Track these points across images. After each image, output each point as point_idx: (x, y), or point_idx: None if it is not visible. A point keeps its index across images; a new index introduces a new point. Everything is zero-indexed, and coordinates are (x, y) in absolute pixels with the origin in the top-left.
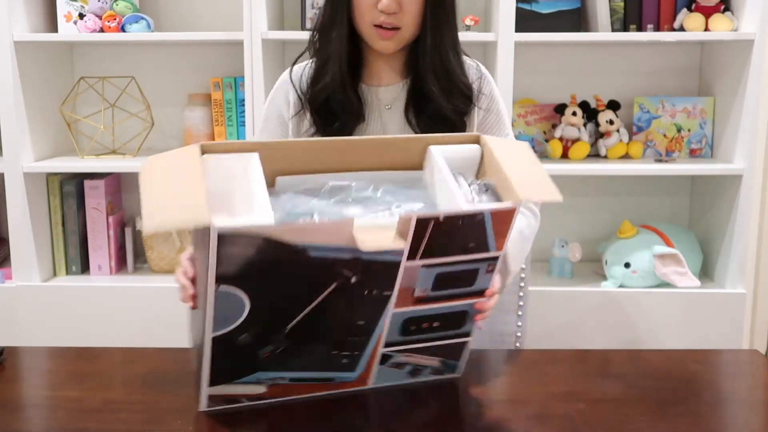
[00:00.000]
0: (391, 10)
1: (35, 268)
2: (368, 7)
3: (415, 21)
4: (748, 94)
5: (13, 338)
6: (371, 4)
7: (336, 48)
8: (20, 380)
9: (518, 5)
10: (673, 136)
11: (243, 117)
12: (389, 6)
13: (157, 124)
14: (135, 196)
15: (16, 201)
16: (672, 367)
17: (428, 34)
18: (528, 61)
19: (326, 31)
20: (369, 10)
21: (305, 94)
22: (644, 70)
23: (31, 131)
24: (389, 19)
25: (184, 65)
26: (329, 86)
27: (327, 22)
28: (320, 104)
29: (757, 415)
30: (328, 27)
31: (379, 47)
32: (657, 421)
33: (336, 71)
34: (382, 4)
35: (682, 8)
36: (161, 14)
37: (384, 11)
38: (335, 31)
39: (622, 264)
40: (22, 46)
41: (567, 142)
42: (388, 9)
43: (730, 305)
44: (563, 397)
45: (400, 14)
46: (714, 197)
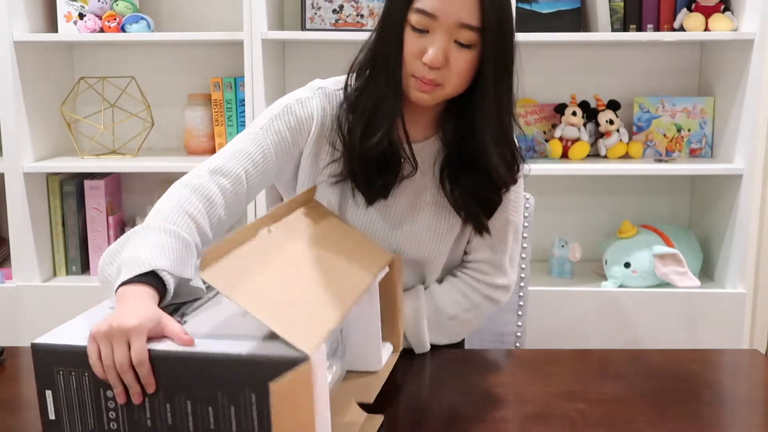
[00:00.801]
0: (436, 64)
1: (35, 268)
2: (412, 56)
3: (459, 80)
4: (748, 94)
5: (13, 338)
6: (416, 54)
7: (390, 99)
8: (20, 380)
9: (518, 5)
10: (673, 136)
11: (243, 117)
12: (435, 60)
13: (157, 124)
14: (135, 196)
15: (16, 201)
16: (672, 367)
17: (491, 96)
18: (528, 61)
19: (378, 77)
20: (413, 59)
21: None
22: (644, 70)
23: (31, 131)
24: (431, 74)
25: (184, 65)
26: (383, 141)
27: (379, 68)
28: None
29: (757, 415)
30: (379, 72)
31: (413, 97)
32: (657, 421)
33: (391, 126)
34: (427, 57)
35: (682, 8)
36: (161, 14)
37: (428, 65)
38: (389, 78)
39: (622, 264)
40: (22, 46)
41: (567, 142)
42: (433, 63)
43: (730, 305)
44: (563, 397)
45: (445, 70)
46: (714, 197)
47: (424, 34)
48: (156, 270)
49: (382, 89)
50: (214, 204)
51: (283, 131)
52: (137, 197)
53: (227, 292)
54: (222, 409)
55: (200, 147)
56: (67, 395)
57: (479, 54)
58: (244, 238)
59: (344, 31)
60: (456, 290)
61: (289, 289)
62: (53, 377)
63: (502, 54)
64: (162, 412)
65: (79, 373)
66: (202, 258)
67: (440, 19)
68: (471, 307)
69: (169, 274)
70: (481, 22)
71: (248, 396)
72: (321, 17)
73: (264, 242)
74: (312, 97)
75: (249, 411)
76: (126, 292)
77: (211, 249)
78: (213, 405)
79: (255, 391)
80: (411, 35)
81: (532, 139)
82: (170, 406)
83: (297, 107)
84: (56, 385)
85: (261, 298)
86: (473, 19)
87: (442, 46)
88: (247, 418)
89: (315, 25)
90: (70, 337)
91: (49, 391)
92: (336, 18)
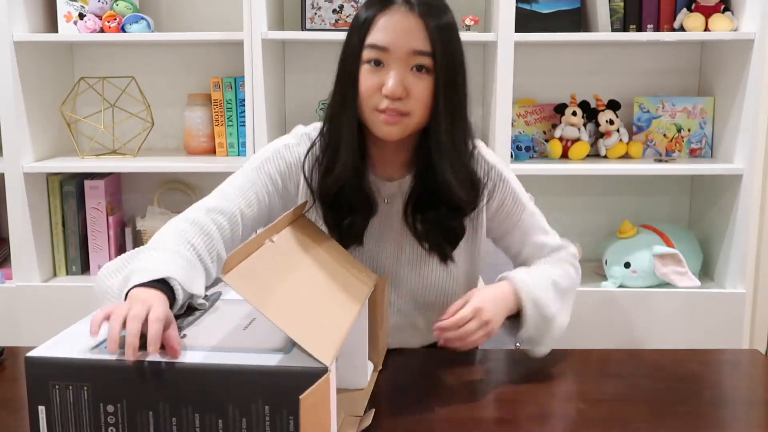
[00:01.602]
0: (397, 94)
1: (35, 268)
2: (372, 90)
3: (423, 108)
4: (748, 94)
5: (13, 338)
6: (375, 88)
7: (347, 136)
8: (20, 380)
9: (518, 5)
10: (673, 136)
11: (243, 117)
12: (394, 91)
13: (157, 124)
14: (135, 196)
15: (16, 201)
16: (672, 367)
17: (443, 123)
18: (528, 61)
19: (336, 117)
20: (373, 94)
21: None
22: (644, 70)
23: (31, 131)
24: (394, 105)
25: (184, 65)
26: (341, 178)
27: (337, 107)
28: (332, 198)
29: (757, 415)
30: (337, 112)
31: (382, 133)
32: (657, 420)
33: (348, 162)
34: (386, 88)
35: (682, 8)
36: (161, 14)
37: (389, 96)
38: (345, 116)
39: (622, 264)
40: (22, 46)
41: (567, 142)
42: (394, 93)
43: (730, 305)
44: (563, 397)
45: (407, 100)
46: (714, 197)
47: (379, 67)
48: (168, 279)
49: (342, 127)
50: (213, 239)
51: (273, 174)
52: (137, 197)
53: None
54: (233, 422)
55: (200, 147)
56: (63, 411)
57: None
58: (254, 248)
59: (344, 31)
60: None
61: (302, 299)
62: (48, 391)
63: (452, 77)
64: (167, 426)
65: (77, 387)
66: (225, 262)
67: (392, 50)
68: (564, 274)
69: (179, 284)
70: (431, 46)
71: (261, 408)
72: (321, 17)
73: (271, 252)
74: (299, 143)
75: (261, 423)
76: (139, 292)
77: (231, 256)
78: (223, 417)
79: (269, 403)
80: (367, 71)
81: (532, 139)
82: (176, 419)
83: (285, 152)
84: (50, 400)
85: (281, 307)
86: (424, 45)
87: (400, 76)
88: (259, 428)
89: (315, 25)
90: (67, 350)
91: (43, 407)
92: (336, 18)
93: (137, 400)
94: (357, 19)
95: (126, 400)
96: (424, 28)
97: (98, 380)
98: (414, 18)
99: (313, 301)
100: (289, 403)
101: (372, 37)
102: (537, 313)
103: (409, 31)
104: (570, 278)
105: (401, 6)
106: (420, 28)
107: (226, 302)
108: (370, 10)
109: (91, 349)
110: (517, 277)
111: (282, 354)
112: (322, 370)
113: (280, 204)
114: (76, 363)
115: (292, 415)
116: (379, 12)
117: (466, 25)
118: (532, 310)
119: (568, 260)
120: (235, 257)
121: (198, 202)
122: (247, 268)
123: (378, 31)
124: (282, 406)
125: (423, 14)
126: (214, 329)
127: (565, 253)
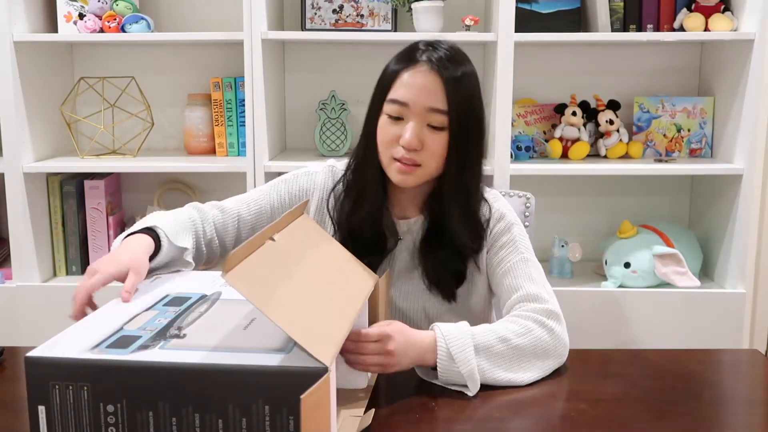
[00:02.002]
0: (412, 146)
1: (35, 268)
2: (390, 140)
3: (436, 160)
4: (748, 94)
5: (13, 338)
6: (393, 139)
7: (373, 180)
8: (20, 380)
9: (518, 5)
10: (673, 136)
11: (243, 117)
12: (411, 143)
13: (157, 124)
14: (135, 196)
15: (16, 201)
16: (672, 367)
17: (454, 174)
18: (528, 61)
19: (361, 163)
20: (391, 144)
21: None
22: (644, 70)
23: (31, 131)
24: (409, 155)
25: (184, 65)
26: (365, 221)
27: (361, 153)
28: (355, 235)
29: (757, 415)
30: (362, 158)
31: (396, 180)
32: (657, 421)
33: (373, 208)
34: (403, 140)
35: (682, 8)
36: (161, 14)
37: (405, 147)
38: (368, 164)
39: (622, 264)
40: (22, 46)
41: (567, 142)
42: (410, 145)
43: (730, 305)
44: (563, 397)
45: (422, 152)
46: (714, 197)
47: (399, 121)
48: (154, 228)
49: (367, 172)
50: (206, 219)
51: (283, 195)
52: (137, 197)
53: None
54: (233, 422)
55: (200, 147)
56: (63, 410)
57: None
58: (254, 248)
59: (344, 31)
60: (505, 320)
61: (303, 298)
62: (48, 391)
63: (467, 138)
64: (167, 425)
65: (77, 387)
66: (225, 262)
67: (411, 106)
68: (524, 331)
69: (164, 233)
70: (448, 105)
71: (261, 408)
72: (321, 17)
73: (272, 251)
74: (320, 172)
75: (262, 422)
76: (126, 240)
77: (231, 255)
78: (223, 417)
79: (269, 403)
80: (388, 123)
81: (532, 139)
82: (176, 419)
83: (303, 178)
84: (51, 400)
85: (281, 306)
86: (440, 103)
87: (416, 130)
88: (259, 428)
89: (315, 25)
90: (67, 349)
91: (43, 407)
92: (336, 18)
93: (137, 400)
94: (386, 71)
95: (126, 399)
96: (443, 87)
97: (98, 380)
98: (434, 76)
99: (314, 301)
100: (290, 402)
101: (394, 92)
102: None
103: (428, 89)
104: (531, 335)
105: (424, 64)
106: (439, 86)
107: (225, 302)
108: (398, 65)
109: (91, 349)
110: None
111: (282, 354)
112: (322, 369)
113: None
114: (76, 363)
115: (292, 414)
116: (404, 68)
117: (466, 25)
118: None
119: (533, 317)
120: (236, 256)
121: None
122: (248, 268)
123: (400, 87)
124: (282, 405)
125: (443, 73)
126: (214, 329)
127: (536, 306)
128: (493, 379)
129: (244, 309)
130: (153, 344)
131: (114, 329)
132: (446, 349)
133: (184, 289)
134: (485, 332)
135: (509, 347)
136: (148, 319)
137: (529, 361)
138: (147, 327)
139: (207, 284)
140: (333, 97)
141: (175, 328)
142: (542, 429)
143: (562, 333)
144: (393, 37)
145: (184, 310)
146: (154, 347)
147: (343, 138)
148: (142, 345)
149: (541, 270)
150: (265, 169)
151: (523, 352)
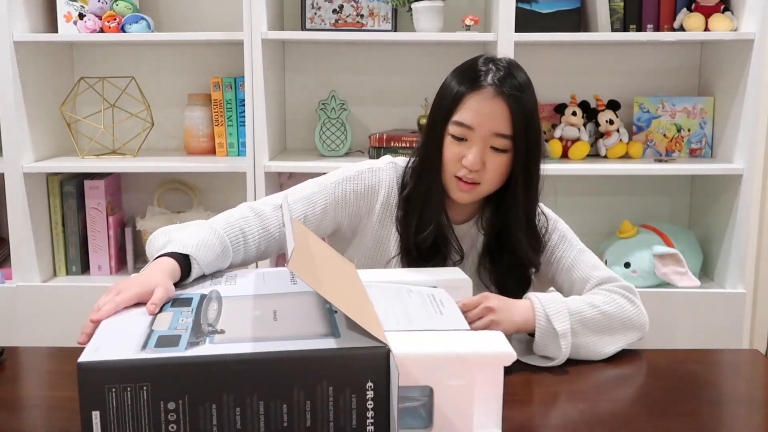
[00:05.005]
0: (475, 167)
1: (35, 268)
2: (454, 159)
3: (495, 180)
4: (748, 94)
5: (13, 338)
6: (456, 158)
7: (435, 196)
8: (20, 380)
9: (518, 5)
10: (673, 136)
11: (243, 117)
12: (474, 164)
13: (157, 124)
14: (135, 196)
15: (16, 201)
16: (672, 367)
17: (521, 194)
18: (528, 61)
19: (422, 176)
20: (454, 162)
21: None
22: (644, 70)
23: (31, 131)
24: (471, 174)
25: (184, 65)
26: (432, 233)
27: (424, 168)
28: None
29: (757, 415)
30: (426, 169)
31: (455, 197)
32: (657, 421)
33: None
34: (467, 161)
35: (682, 8)
36: (161, 14)
37: (467, 167)
38: (432, 178)
39: (622, 264)
40: (22, 46)
41: (567, 142)
42: (473, 167)
43: (730, 305)
44: (563, 397)
45: (483, 172)
46: (714, 197)
47: (462, 141)
48: (191, 257)
49: (429, 188)
50: (269, 234)
51: (348, 194)
52: (137, 197)
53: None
54: (298, 405)
55: (200, 147)
56: (119, 414)
57: (511, 157)
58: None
59: (344, 31)
60: (590, 293)
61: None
62: (103, 396)
63: (529, 156)
64: (230, 416)
65: (136, 388)
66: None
67: (476, 130)
68: (610, 300)
69: (198, 265)
70: (512, 130)
71: (325, 389)
72: (321, 17)
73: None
74: (384, 168)
75: (326, 403)
76: (157, 261)
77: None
78: (288, 402)
79: (332, 384)
80: (451, 143)
81: None
82: (240, 409)
83: (368, 175)
84: (106, 405)
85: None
86: (505, 129)
87: (480, 152)
88: (323, 409)
89: (315, 25)
90: (119, 351)
91: (97, 412)
92: (336, 18)
93: (200, 395)
94: (448, 90)
95: (188, 396)
96: (508, 113)
97: (159, 379)
98: (500, 102)
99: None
100: (352, 382)
101: (460, 115)
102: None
103: (493, 114)
104: (616, 304)
105: (490, 88)
106: (504, 112)
107: (231, 299)
108: (462, 86)
109: (142, 350)
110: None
111: (333, 338)
112: (384, 349)
113: (345, 221)
114: (133, 364)
115: (354, 393)
116: (469, 91)
117: (466, 25)
118: (544, 322)
119: (616, 290)
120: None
121: (275, 194)
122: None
123: (466, 111)
124: (345, 385)
125: (509, 99)
126: (243, 323)
127: (613, 285)
128: (585, 343)
129: (253, 303)
130: (199, 341)
131: (145, 331)
132: (543, 312)
133: (180, 290)
134: (576, 300)
135: (599, 313)
136: (171, 320)
137: (615, 329)
138: (177, 327)
139: (199, 283)
140: (333, 97)
141: (206, 325)
142: (542, 429)
143: (642, 307)
144: (393, 37)
145: (197, 308)
146: (203, 343)
147: (343, 138)
148: (190, 342)
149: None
150: (265, 169)
151: (611, 319)
